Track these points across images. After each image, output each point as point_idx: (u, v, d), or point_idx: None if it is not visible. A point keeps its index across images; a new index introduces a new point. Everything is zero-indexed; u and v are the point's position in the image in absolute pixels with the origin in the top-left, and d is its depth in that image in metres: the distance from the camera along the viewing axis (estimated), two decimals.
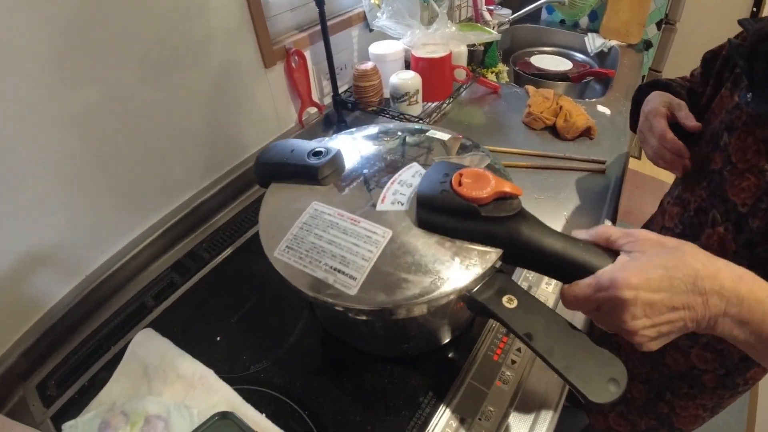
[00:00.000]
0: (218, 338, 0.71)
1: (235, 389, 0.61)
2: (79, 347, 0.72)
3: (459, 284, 0.47)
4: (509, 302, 0.47)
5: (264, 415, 0.59)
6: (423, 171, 0.59)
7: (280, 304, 0.75)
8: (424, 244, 0.50)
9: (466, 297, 0.48)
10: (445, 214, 0.49)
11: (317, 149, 0.61)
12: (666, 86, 0.80)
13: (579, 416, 1.34)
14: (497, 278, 0.49)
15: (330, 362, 0.67)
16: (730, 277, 0.40)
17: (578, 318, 0.67)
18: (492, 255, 0.48)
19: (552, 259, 0.46)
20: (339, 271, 0.49)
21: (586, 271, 0.45)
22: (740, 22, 0.64)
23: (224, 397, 0.61)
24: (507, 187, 0.48)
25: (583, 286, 0.44)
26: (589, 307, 0.44)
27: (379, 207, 0.55)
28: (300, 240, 0.53)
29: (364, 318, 0.52)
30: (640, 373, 0.84)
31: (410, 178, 0.58)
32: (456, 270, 0.48)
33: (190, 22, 0.78)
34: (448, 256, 0.49)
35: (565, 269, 0.46)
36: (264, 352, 0.68)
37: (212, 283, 0.81)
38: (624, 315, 0.40)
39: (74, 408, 0.63)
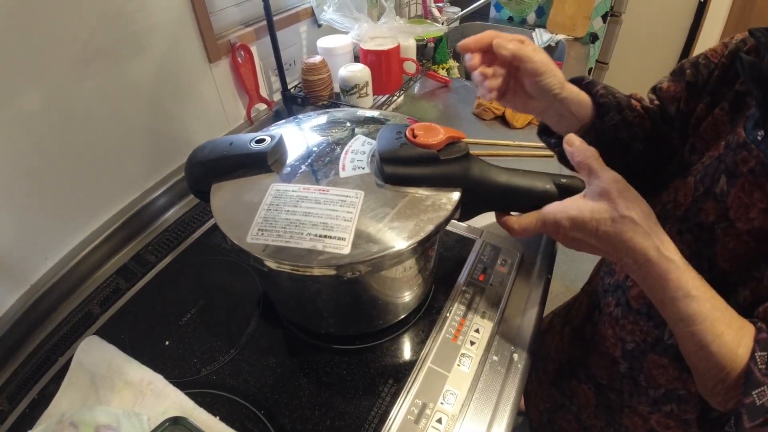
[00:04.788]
0: (167, 342, 0.67)
1: (186, 393, 0.59)
2: (27, 360, 0.68)
3: (439, 220, 0.50)
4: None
5: (218, 417, 0.57)
6: (370, 140, 0.60)
7: (231, 304, 0.73)
8: (396, 196, 0.53)
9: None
10: (407, 165, 0.53)
11: (259, 137, 0.59)
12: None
13: None
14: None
15: (285, 358, 0.65)
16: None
17: None
18: (455, 194, 0.54)
19: (502, 189, 0.54)
20: (326, 236, 0.49)
21: (532, 192, 0.54)
22: (752, 33, 0.49)
23: (175, 402, 0.58)
24: (454, 133, 0.54)
25: (531, 221, 0.52)
26: (533, 234, 0.54)
27: (342, 174, 0.55)
28: (272, 220, 0.51)
29: (363, 274, 0.51)
30: (593, 425, 0.75)
31: (361, 146, 0.59)
32: (431, 211, 0.52)
33: (129, 15, 0.75)
34: (421, 202, 0.52)
35: (514, 196, 0.55)
36: (215, 353, 0.66)
37: (159, 286, 0.77)
38: (556, 238, 0.51)
39: (26, 423, 0.59)
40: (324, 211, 0.51)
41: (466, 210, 0.55)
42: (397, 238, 0.49)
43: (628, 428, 0.68)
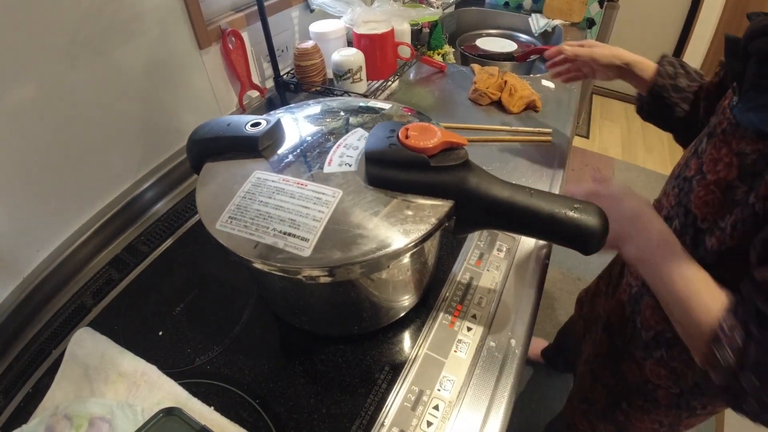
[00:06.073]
0: (160, 333, 0.67)
1: (180, 384, 0.58)
2: (21, 353, 0.67)
3: (415, 236, 0.46)
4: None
5: (212, 407, 0.56)
6: (367, 135, 0.57)
7: (225, 293, 0.72)
8: (377, 201, 0.49)
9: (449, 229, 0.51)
10: (394, 168, 0.49)
11: (256, 120, 0.58)
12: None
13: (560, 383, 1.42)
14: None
15: (280, 347, 0.65)
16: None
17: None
18: (444, 206, 0.48)
19: (502, 207, 0.47)
20: (289, 234, 0.46)
21: (536, 215, 0.47)
22: (749, 16, 0.54)
23: (169, 392, 0.58)
24: (453, 138, 0.48)
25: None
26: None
27: (326, 169, 0.52)
28: (244, 209, 0.49)
29: (320, 281, 0.49)
30: (602, 375, 0.81)
31: (356, 141, 0.56)
32: (411, 222, 0.47)
33: (118, 1, 0.74)
34: (402, 210, 0.48)
35: (514, 216, 0.48)
36: (209, 343, 0.65)
37: (152, 276, 0.76)
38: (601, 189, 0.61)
39: (21, 417, 0.59)
40: (296, 206, 0.49)
41: (461, 224, 0.51)
42: (364, 248, 0.45)
43: (627, 377, 0.75)
